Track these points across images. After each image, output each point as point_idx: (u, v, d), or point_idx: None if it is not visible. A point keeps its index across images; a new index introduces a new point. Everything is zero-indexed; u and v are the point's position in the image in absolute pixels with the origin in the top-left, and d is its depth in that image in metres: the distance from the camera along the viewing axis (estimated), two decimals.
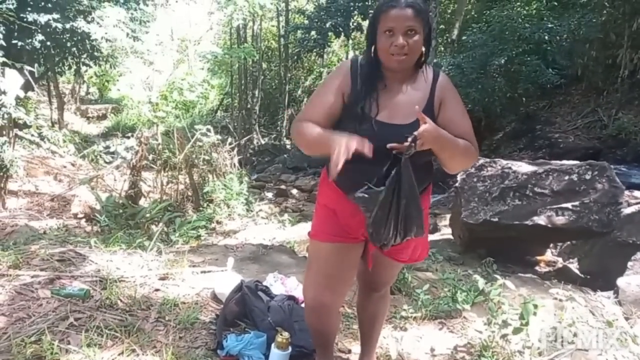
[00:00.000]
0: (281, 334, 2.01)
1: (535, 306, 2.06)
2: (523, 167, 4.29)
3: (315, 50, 13.60)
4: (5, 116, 5.24)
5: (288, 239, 4.97)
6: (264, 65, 17.38)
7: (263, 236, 5.21)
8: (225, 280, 2.72)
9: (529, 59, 9.97)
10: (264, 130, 16.49)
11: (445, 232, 5.46)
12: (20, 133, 7.47)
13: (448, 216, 5.69)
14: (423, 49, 1.49)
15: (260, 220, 6.41)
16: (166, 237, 4.47)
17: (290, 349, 2.01)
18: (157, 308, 2.41)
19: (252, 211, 6.58)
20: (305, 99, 18.15)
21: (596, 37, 9.69)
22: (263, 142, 15.23)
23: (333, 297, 1.75)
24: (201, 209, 5.92)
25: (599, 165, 4.06)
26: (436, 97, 1.54)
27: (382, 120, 1.51)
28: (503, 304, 2.22)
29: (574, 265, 4.65)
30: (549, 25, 9.97)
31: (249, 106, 15.46)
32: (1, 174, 5.28)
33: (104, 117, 18.18)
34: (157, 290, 2.67)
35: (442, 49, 13.33)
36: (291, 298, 2.57)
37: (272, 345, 2.02)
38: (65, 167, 8.02)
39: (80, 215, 5.24)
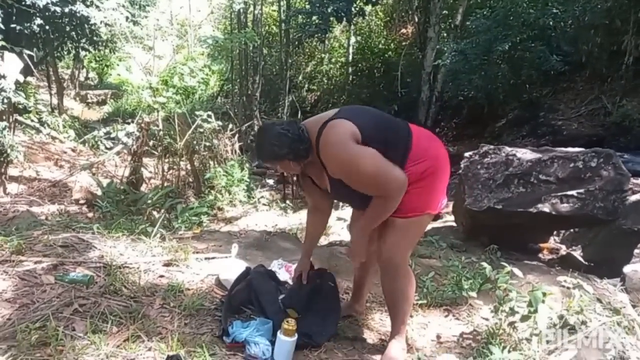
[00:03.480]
0: (287, 321, 1.99)
1: (544, 294, 2.04)
2: (527, 154, 4.23)
3: (316, 35, 13.40)
4: (5, 101, 5.18)
5: (290, 226, 4.95)
6: (265, 51, 17.17)
7: (265, 223, 5.19)
8: (229, 266, 2.71)
9: (533, 45, 9.85)
10: (264, 117, 16.36)
11: (448, 219, 5.43)
12: (20, 118, 7.42)
13: (451, 203, 5.66)
14: (290, 161, 1.92)
15: (262, 207, 6.39)
16: (168, 223, 4.45)
17: (296, 336, 2.00)
18: (162, 294, 2.40)
19: (253, 198, 6.56)
20: (306, 85, 18.00)
21: (601, 24, 9.56)
22: None
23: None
24: (202, 195, 5.90)
25: (604, 152, 4.00)
26: (326, 167, 1.90)
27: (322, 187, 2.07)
28: (511, 291, 2.20)
29: (577, 253, 4.64)
30: (554, 11, 9.82)
31: (249, 92, 15.31)
32: (1, 159, 5.24)
33: (103, 102, 18.05)
34: (161, 276, 2.65)
35: (445, 34, 13.17)
36: None
37: (278, 332, 2.01)
38: (65, 152, 8.00)
39: (81, 201, 5.22)
